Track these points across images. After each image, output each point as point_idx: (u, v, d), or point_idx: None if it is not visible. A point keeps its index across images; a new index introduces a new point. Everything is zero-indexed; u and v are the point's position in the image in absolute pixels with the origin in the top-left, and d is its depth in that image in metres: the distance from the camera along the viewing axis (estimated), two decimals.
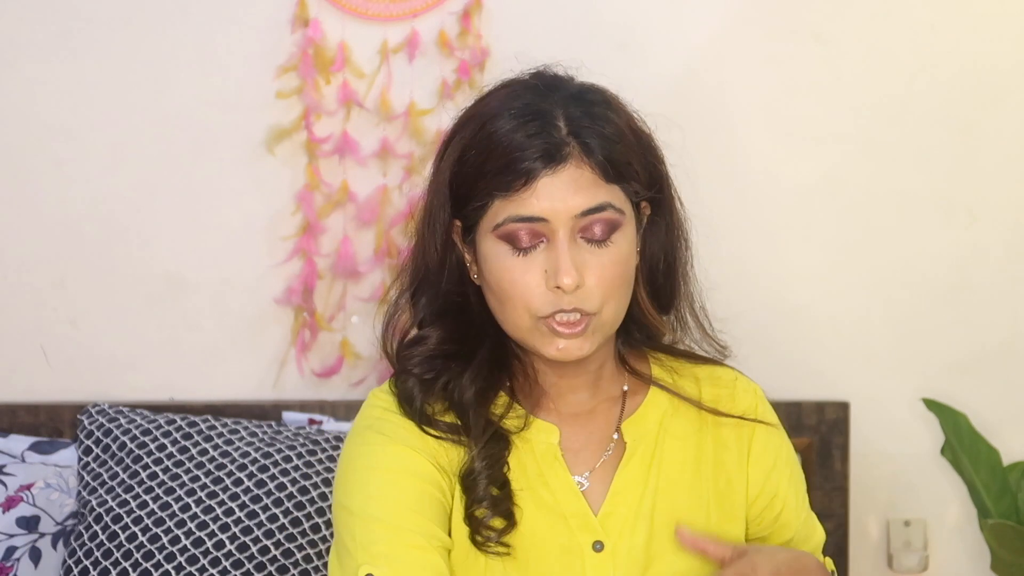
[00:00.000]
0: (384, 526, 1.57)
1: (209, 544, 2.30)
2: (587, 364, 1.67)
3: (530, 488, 1.64)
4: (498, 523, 1.61)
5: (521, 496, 1.63)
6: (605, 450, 1.68)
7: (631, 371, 1.71)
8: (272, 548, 2.30)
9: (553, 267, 1.56)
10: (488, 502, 1.61)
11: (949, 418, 2.66)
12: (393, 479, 1.60)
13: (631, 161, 1.60)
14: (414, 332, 1.68)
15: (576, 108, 1.60)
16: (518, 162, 1.56)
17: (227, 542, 2.30)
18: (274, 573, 2.28)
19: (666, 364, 1.73)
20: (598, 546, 1.63)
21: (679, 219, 1.70)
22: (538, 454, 1.65)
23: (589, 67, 1.70)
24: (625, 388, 1.71)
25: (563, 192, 1.56)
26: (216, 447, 2.40)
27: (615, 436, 1.68)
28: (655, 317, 1.68)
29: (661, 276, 1.68)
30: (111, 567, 2.29)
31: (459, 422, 1.64)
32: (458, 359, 1.66)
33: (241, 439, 2.42)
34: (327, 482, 2.36)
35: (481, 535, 1.61)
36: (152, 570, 2.28)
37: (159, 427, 2.42)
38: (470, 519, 1.62)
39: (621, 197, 1.60)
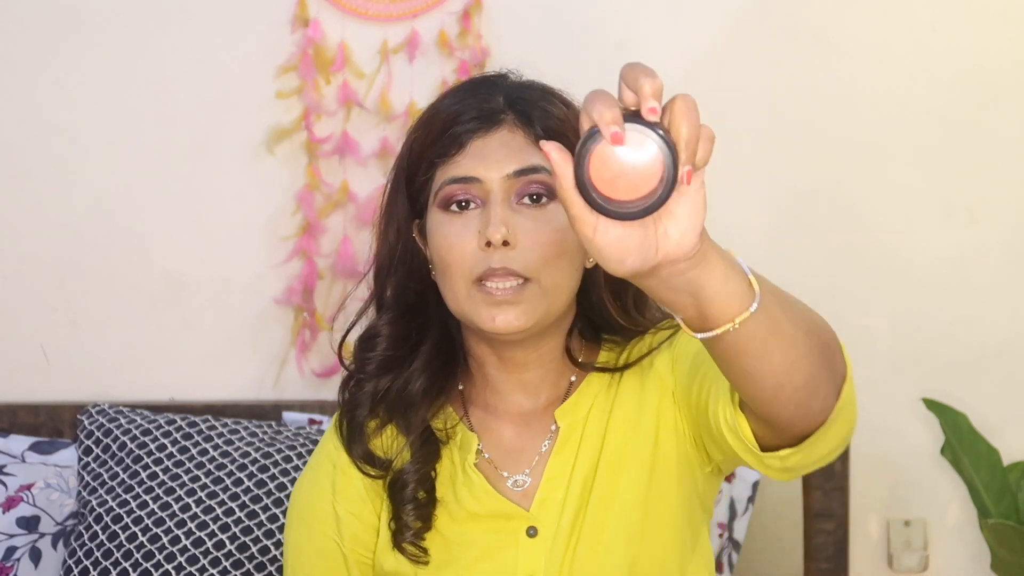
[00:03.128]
0: None
1: (209, 544, 2.30)
2: (537, 356, 1.67)
3: (456, 497, 1.66)
4: (416, 524, 1.64)
5: (447, 504, 1.66)
6: (544, 443, 1.68)
7: (581, 364, 1.70)
8: (272, 548, 2.30)
9: (484, 225, 1.58)
10: (412, 504, 1.65)
11: (949, 418, 2.66)
12: (303, 538, 1.71)
13: (568, 134, 1.59)
14: (368, 319, 1.71)
15: (517, 91, 1.64)
16: (454, 127, 1.60)
17: (227, 542, 2.30)
18: (274, 573, 2.28)
19: (616, 346, 1.70)
20: (532, 531, 1.63)
21: None
22: (462, 464, 1.67)
23: (589, 67, 1.70)
24: (572, 379, 1.70)
25: (496, 152, 1.59)
26: (216, 447, 2.40)
27: (552, 427, 1.67)
28: (618, 316, 1.66)
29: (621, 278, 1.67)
30: (111, 567, 2.29)
31: (397, 426, 1.68)
32: (407, 362, 1.68)
33: (241, 439, 2.42)
34: None
35: (402, 535, 1.65)
36: (152, 570, 2.28)
37: (159, 427, 2.42)
38: (396, 521, 1.65)
39: None
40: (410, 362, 1.68)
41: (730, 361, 1.29)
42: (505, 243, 1.57)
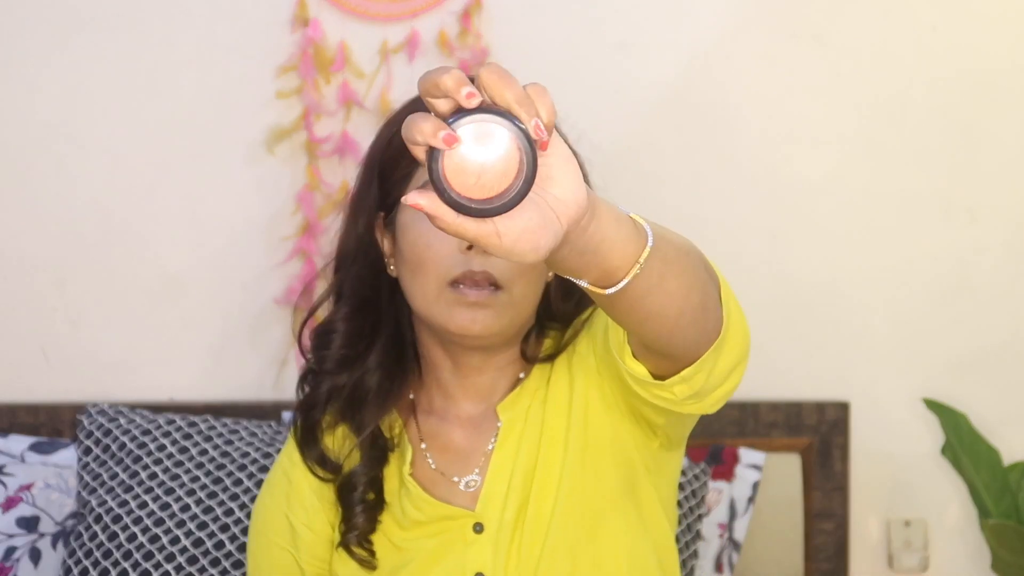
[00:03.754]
0: None
1: (209, 544, 2.30)
2: (492, 361, 1.69)
3: (400, 505, 1.67)
4: (365, 525, 1.66)
5: (393, 511, 1.67)
6: (490, 442, 1.69)
7: (529, 358, 1.71)
8: None
9: None
10: (362, 507, 1.66)
11: (949, 418, 2.66)
12: (260, 550, 1.73)
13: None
14: (324, 313, 1.72)
15: None
16: None
17: (227, 542, 2.30)
18: None
19: (560, 333, 1.71)
20: (478, 527, 1.65)
21: None
22: (400, 475, 1.68)
23: (589, 67, 1.70)
24: (521, 376, 1.72)
25: None
26: (216, 447, 2.40)
27: (497, 424, 1.69)
28: (567, 300, 1.69)
29: (571, 288, 1.67)
30: (111, 567, 2.29)
31: (348, 426, 1.69)
32: (363, 360, 1.69)
33: (241, 439, 2.42)
34: None
35: (348, 536, 1.66)
36: (152, 570, 2.28)
37: (159, 427, 2.42)
38: (345, 523, 1.67)
39: None
40: (365, 359, 1.69)
41: (634, 306, 1.26)
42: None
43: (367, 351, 1.70)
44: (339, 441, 1.71)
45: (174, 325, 2.67)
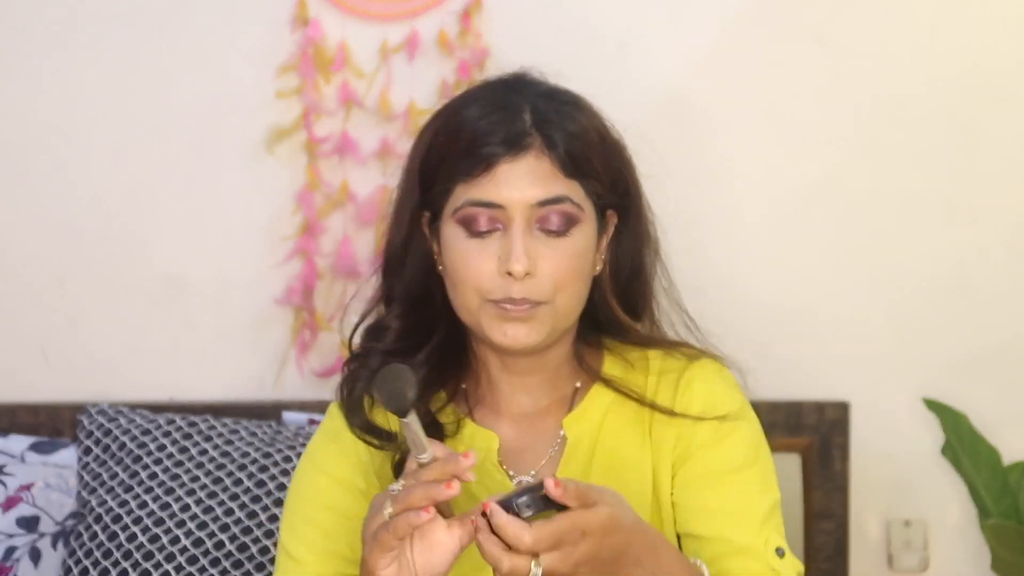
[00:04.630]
0: (293, 562, 1.67)
1: (209, 544, 2.30)
2: (542, 363, 1.68)
3: (467, 492, 1.64)
4: None
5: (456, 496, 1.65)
6: (550, 448, 1.68)
7: (586, 368, 1.71)
8: (272, 548, 2.30)
9: (506, 253, 1.58)
10: None
11: (949, 418, 2.66)
12: (310, 515, 1.68)
13: (592, 159, 1.62)
14: (377, 313, 1.71)
15: (544, 103, 1.62)
16: (480, 147, 1.58)
17: (227, 542, 2.30)
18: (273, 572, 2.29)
19: (620, 357, 1.72)
20: None
21: (646, 228, 1.71)
22: (481, 461, 1.65)
23: (589, 67, 1.71)
24: (577, 385, 1.71)
25: (521, 181, 1.58)
26: (216, 447, 2.40)
27: (561, 433, 1.68)
28: (626, 321, 1.68)
29: (627, 283, 1.69)
30: (111, 567, 2.29)
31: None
32: (412, 354, 1.68)
33: (241, 439, 2.42)
34: None
35: None
36: (152, 570, 2.28)
37: (159, 427, 2.42)
38: None
39: (580, 193, 1.61)
40: (414, 355, 1.68)
41: None
42: (526, 274, 1.58)
43: (419, 347, 1.68)
44: (392, 418, 1.68)
45: (174, 325, 2.67)
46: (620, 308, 1.68)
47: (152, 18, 2.62)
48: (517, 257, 1.57)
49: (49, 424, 2.60)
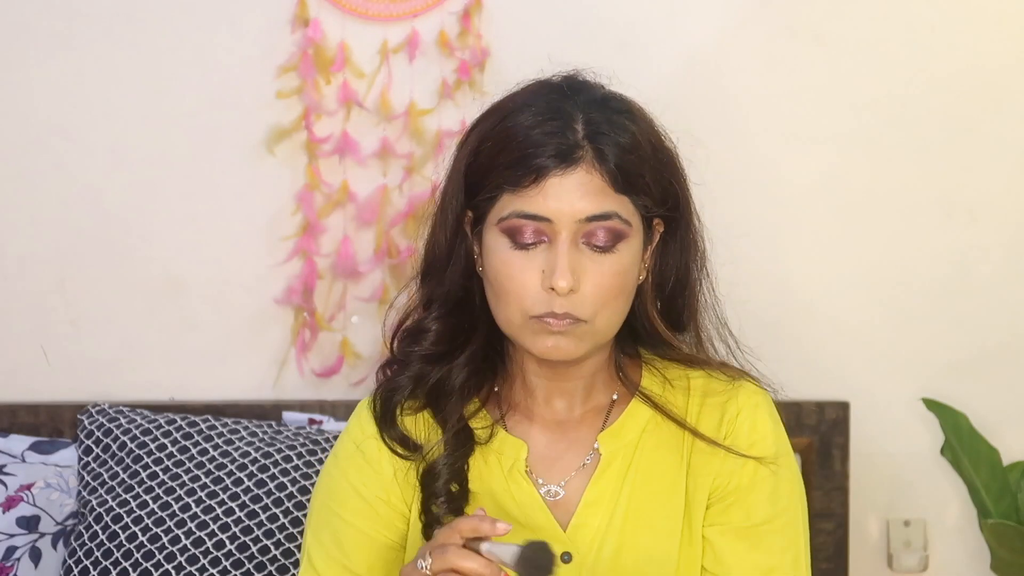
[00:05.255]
0: (313, 573, 1.65)
1: (209, 544, 2.30)
2: (580, 371, 1.66)
3: (494, 500, 1.64)
4: (448, 517, 1.61)
5: (481, 503, 1.63)
6: (583, 460, 1.66)
7: (623, 380, 1.69)
8: (272, 548, 2.30)
9: (550, 268, 1.56)
10: (445, 497, 1.62)
11: (949, 418, 2.66)
12: (335, 525, 1.66)
13: (643, 173, 1.59)
14: (415, 316, 1.68)
15: (597, 113, 1.59)
16: (531, 158, 1.56)
17: (227, 542, 2.30)
18: (274, 573, 2.28)
19: (659, 372, 1.69)
20: (567, 557, 1.62)
21: (694, 239, 1.68)
22: (505, 467, 1.65)
23: (589, 67, 1.70)
24: (614, 397, 1.69)
25: (571, 195, 1.55)
26: (216, 447, 2.40)
27: (595, 446, 1.66)
28: (666, 334, 1.66)
29: (671, 294, 1.66)
30: (111, 567, 2.29)
31: (433, 416, 1.66)
32: (452, 357, 1.66)
33: (241, 439, 2.42)
34: None
35: (432, 528, 1.62)
36: (152, 570, 2.28)
37: (159, 427, 2.42)
38: (425, 514, 1.63)
39: (630, 208, 1.59)
40: (454, 357, 1.66)
41: None
42: (570, 290, 1.56)
43: (459, 350, 1.66)
44: (422, 428, 1.67)
45: (174, 325, 2.67)
46: (662, 321, 1.65)
47: (152, 18, 2.62)
48: (562, 273, 1.55)
49: (49, 424, 2.60)
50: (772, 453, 1.66)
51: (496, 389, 1.70)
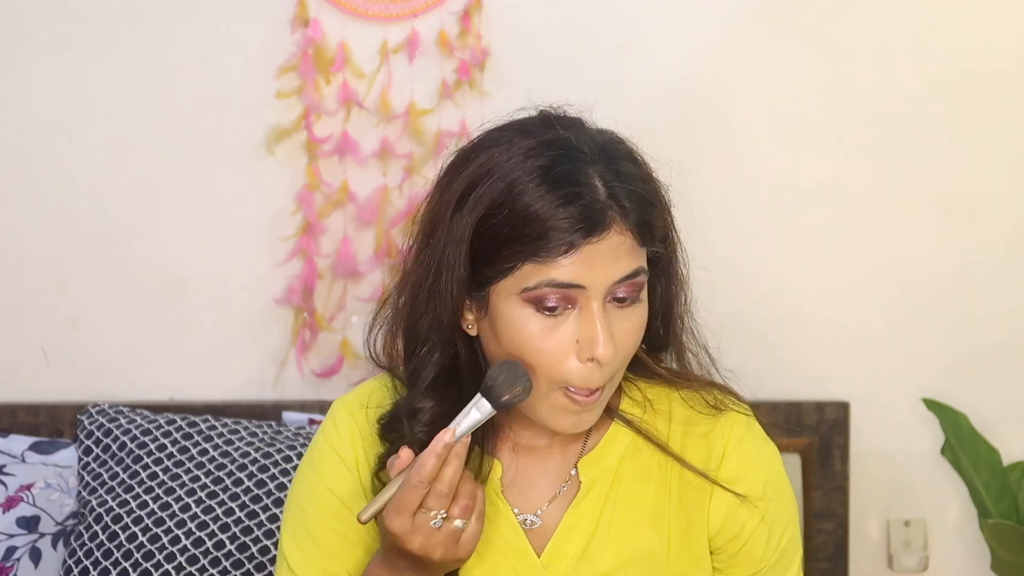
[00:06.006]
0: (288, 572, 1.65)
1: (209, 544, 2.30)
2: None
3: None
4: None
5: None
6: (559, 487, 1.63)
7: (607, 409, 1.64)
8: (272, 548, 2.30)
9: (587, 337, 1.50)
10: None
11: (949, 418, 2.66)
12: (312, 527, 1.64)
13: (657, 223, 1.54)
14: (401, 399, 1.64)
15: (607, 166, 1.52)
16: (559, 231, 1.47)
17: (227, 542, 2.31)
18: (274, 573, 2.28)
19: (637, 396, 1.65)
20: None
21: (680, 272, 1.62)
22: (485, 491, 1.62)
23: (589, 67, 1.70)
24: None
25: (605, 261, 1.49)
26: (216, 447, 2.40)
27: (572, 472, 1.63)
28: (647, 362, 1.63)
29: (656, 324, 1.62)
30: (111, 567, 2.29)
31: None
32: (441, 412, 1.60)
33: (241, 439, 2.43)
34: None
35: None
36: (152, 570, 2.29)
37: (159, 427, 2.43)
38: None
39: (645, 257, 1.54)
40: (441, 412, 1.60)
41: None
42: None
43: (448, 408, 1.59)
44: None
45: (174, 325, 2.67)
46: (643, 347, 1.61)
47: (152, 18, 2.62)
48: (604, 342, 1.49)
49: (49, 424, 2.60)
50: (761, 488, 1.65)
51: None
